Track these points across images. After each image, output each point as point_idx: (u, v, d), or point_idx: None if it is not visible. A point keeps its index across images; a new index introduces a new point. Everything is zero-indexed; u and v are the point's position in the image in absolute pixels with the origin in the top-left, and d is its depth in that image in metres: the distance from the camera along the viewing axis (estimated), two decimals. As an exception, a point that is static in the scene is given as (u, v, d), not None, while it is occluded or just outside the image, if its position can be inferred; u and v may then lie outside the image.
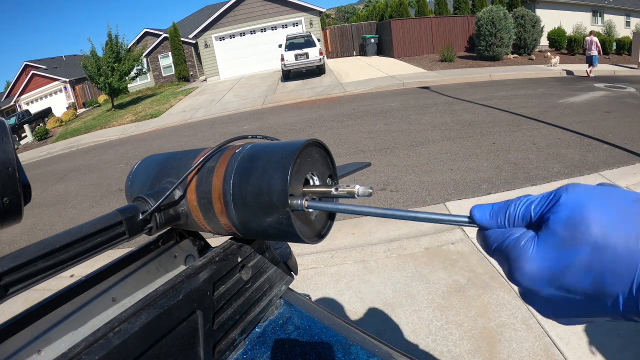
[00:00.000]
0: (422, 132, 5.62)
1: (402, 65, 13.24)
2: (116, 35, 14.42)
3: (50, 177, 7.03)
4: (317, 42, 12.91)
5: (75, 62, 24.46)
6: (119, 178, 5.80)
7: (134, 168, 0.56)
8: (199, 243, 0.59)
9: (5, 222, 0.36)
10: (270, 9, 17.18)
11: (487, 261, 2.39)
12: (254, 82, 14.38)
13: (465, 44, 15.38)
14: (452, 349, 1.78)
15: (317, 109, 8.37)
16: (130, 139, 9.34)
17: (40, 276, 0.35)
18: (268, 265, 0.56)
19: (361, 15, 26.23)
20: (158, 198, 0.44)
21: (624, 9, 19.39)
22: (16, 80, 27.00)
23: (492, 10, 12.68)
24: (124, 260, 0.50)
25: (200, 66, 20.87)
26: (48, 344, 0.41)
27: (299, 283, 2.41)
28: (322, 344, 0.50)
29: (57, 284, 0.56)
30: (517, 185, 3.58)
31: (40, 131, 13.82)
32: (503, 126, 5.50)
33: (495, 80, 9.99)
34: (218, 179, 0.44)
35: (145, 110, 12.75)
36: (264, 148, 0.43)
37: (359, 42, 18.83)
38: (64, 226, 4.27)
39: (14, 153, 0.35)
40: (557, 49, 15.05)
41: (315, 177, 0.44)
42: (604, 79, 9.46)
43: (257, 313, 0.53)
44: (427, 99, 7.95)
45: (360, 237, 2.90)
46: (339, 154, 5.01)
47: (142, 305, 0.39)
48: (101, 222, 0.40)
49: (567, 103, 6.75)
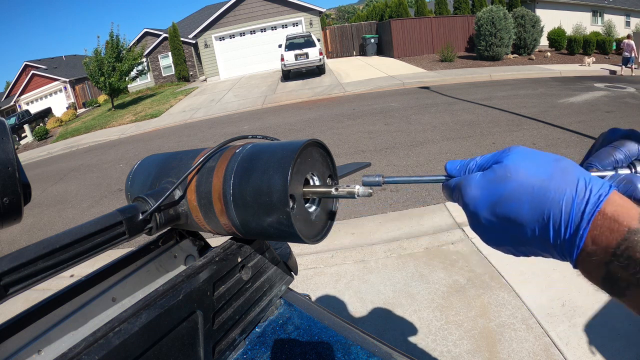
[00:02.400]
0: (422, 132, 5.62)
1: (402, 65, 13.24)
2: (117, 35, 14.43)
3: (50, 177, 7.02)
4: (317, 42, 12.91)
5: (75, 62, 24.49)
6: (119, 178, 5.80)
7: (134, 168, 0.56)
8: (199, 243, 0.59)
9: (5, 222, 0.36)
10: (270, 9, 17.18)
11: (487, 261, 2.39)
12: (253, 82, 14.38)
13: (465, 44, 15.38)
14: (452, 349, 1.78)
15: (317, 109, 8.37)
16: (130, 139, 9.34)
17: (40, 276, 0.35)
18: (268, 265, 0.56)
19: (361, 15, 26.21)
20: (158, 198, 0.44)
21: (624, 9, 19.38)
22: (16, 81, 26.99)
23: (492, 10, 12.68)
24: (124, 260, 0.50)
25: (200, 66, 20.86)
26: (48, 344, 0.41)
27: (299, 283, 2.41)
28: (322, 344, 0.50)
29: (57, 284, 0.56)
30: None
31: (40, 131, 13.81)
32: (503, 126, 5.51)
33: (495, 80, 9.99)
34: (218, 179, 0.44)
35: (145, 111, 12.74)
36: (264, 148, 0.43)
37: (359, 42, 18.83)
38: (64, 226, 4.27)
39: (14, 153, 0.35)
40: (556, 49, 15.04)
41: (315, 177, 0.44)
42: (604, 79, 9.46)
43: (257, 313, 0.53)
44: (427, 99, 7.95)
45: (360, 237, 2.90)
46: (339, 154, 5.01)
47: (142, 305, 0.39)
48: (101, 222, 0.40)
49: (567, 103, 6.75)
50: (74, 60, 26.66)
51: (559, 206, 0.28)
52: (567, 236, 0.28)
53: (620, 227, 0.25)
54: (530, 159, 0.31)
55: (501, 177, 0.31)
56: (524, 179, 0.30)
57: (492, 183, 0.32)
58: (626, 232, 0.25)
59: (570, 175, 0.29)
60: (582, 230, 0.27)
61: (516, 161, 0.31)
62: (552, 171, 0.29)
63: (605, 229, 0.26)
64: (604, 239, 0.26)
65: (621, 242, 0.25)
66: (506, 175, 0.31)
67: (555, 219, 0.28)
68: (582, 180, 0.28)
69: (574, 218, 0.27)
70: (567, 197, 0.28)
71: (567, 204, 0.28)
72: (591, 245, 0.27)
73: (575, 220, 0.27)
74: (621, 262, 0.25)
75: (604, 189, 0.27)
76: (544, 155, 0.31)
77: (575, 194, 0.28)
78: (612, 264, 0.26)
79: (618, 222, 0.26)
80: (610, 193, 0.27)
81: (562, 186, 0.28)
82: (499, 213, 0.31)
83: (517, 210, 0.30)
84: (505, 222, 0.31)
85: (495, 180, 0.31)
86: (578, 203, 0.27)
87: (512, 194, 0.30)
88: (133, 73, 15.32)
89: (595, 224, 0.26)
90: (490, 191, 0.31)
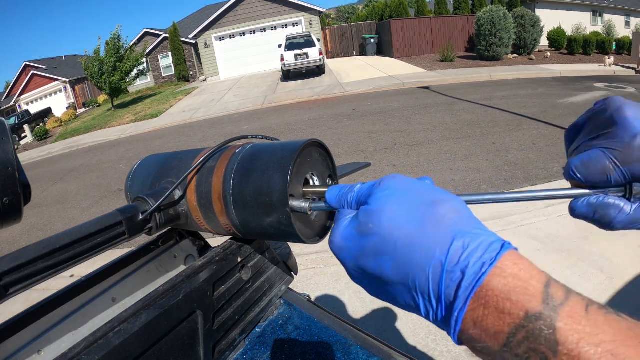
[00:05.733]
0: (422, 132, 5.62)
1: (402, 65, 13.24)
2: (118, 35, 14.43)
3: (50, 177, 7.02)
4: (317, 42, 12.91)
5: (75, 62, 24.48)
6: (119, 178, 5.80)
7: (134, 168, 0.56)
8: (199, 243, 0.59)
9: (5, 222, 0.36)
10: (270, 9, 17.18)
11: (487, 261, 2.39)
12: (254, 82, 14.38)
13: (465, 44, 15.37)
14: (452, 349, 1.78)
15: (317, 109, 8.37)
16: (130, 139, 9.34)
17: (40, 276, 0.35)
18: (268, 265, 0.56)
19: (361, 15, 26.22)
20: (158, 198, 0.44)
21: (624, 9, 19.38)
22: (16, 81, 26.99)
23: (492, 10, 12.68)
24: (124, 260, 0.50)
25: (200, 66, 20.86)
26: (48, 344, 0.41)
27: (299, 283, 2.41)
28: (322, 344, 0.50)
29: (57, 284, 0.56)
30: (516, 185, 3.58)
31: (40, 131, 13.81)
32: (503, 126, 5.50)
33: (495, 80, 9.98)
34: (218, 179, 0.44)
35: (145, 111, 12.74)
36: (264, 148, 0.43)
37: (359, 42, 18.82)
38: (64, 226, 4.27)
39: (14, 153, 0.35)
40: (556, 49, 15.04)
41: (315, 177, 0.44)
42: (604, 79, 9.46)
43: (257, 313, 0.53)
44: (427, 99, 7.95)
45: (360, 237, 2.90)
46: (339, 154, 5.01)
47: (142, 306, 0.39)
48: (101, 222, 0.40)
49: (567, 103, 6.75)
50: (74, 60, 26.64)
51: (425, 274, 0.21)
52: (439, 313, 0.21)
53: (514, 310, 0.18)
54: (400, 200, 0.24)
55: (363, 227, 0.25)
56: (386, 231, 0.23)
57: (353, 233, 0.26)
58: (523, 318, 0.18)
59: (444, 228, 0.21)
60: (458, 312, 0.20)
61: (382, 204, 0.24)
62: (421, 221, 0.22)
63: (491, 311, 0.19)
64: (489, 324, 0.19)
65: (515, 330, 0.18)
66: (368, 225, 0.24)
67: (422, 289, 0.21)
68: (460, 238, 0.21)
69: (444, 292, 0.20)
70: (435, 263, 0.21)
71: (434, 271, 0.21)
72: (473, 329, 0.20)
73: (447, 295, 0.20)
74: (519, 356, 0.18)
75: (491, 252, 0.20)
76: (421, 193, 0.24)
77: (446, 259, 0.20)
78: (504, 355, 0.19)
79: (510, 302, 0.18)
80: (498, 258, 0.19)
81: (431, 245, 0.21)
82: (364, 267, 0.25)
83: (379, 269, 0.24)
84: (372, 278, 0.25)
85: (358, 231, 0.25)
86: (449, 272, 0.20)
87: (374, 249, 0.24)
88: (134, 73, 15.33)
89: (478, 302, 0.19)
90: (352, 243, 0.26)
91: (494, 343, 0.19)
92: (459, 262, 0.20)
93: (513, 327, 0.18)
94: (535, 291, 0.19)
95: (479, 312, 0.19)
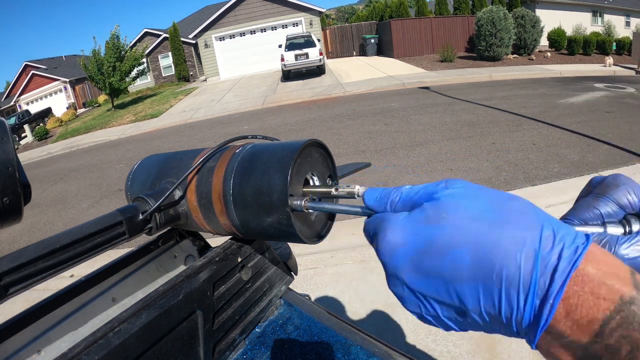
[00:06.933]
0: (422, 133, 5.62)
1: (402, 66, 13.24)
2: (118, 35, 14.44)
3: (50, 177, 7.02)
4: (317, 42, 12.91)
5: (75, 62, 24.43)
6: (119, 178, 5.80)
7: (134, 168, 0.56)
8: (199, 243, 0.59)
9: (5, 222, 0.36)
10: (271, 9, 17.18)
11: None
12: (254, 82, 14.38)
13: (465, 44, 15.38)
14: (452, 349, 1.78)
15: (317, 109, 8.37)
16: (130, 139, 9.34)
17: (40, 276, 0.35)
18: (268, 265, 0.56)
19: (361, 15, 26.23)
20: (158, 198, 0.44)
21: (624, 9, 19.39)
22: (16, 80, 27.00)
23: (492, 10, 12.68)
24: (124, 260, 0.50)
25: (200, 66, 20.87)
26: (48, 344, 0.41)
27: (299, 283, 2.41)
28: (322, 344, 0.50)
29: (57, 284, 0.56)
30: (517, 185, 3.58)
31: (40, 131, 13.81)
32: (503, 126, 5.50)
33: (495, 80, 9.99)
34: (218, 179, 0.44)
35: (145, 111, 12.74)
36: (264, 148, 0.43)
37: (359, 42, 18.83)
38: (64, 226, 4.27)
39: (14, 153, 0.35)
40: (556, 49, 15.05)
41: (315, 177, 0.44)
42: (603, 79, 9.46)
43: (257, 313, 0.53)
44: (427, 99, 7.95)
45: (360, 237, 2.90)
46: (339, 154, 5.01)
47: (142, 305, 0.39)
48: (101, 222, 0.40)
49: (567, 103, 6.75)
50: (74, 60, 26.60)
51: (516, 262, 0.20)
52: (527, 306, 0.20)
53: (609, 295, 0.18)
54: (474, 196, 0.23)
55: (433, 217, 0.23)
56: (464, 221, 0.22)
57: (419, 226, 0.23)
58: (618, 302, 0.18)
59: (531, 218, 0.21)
60: (553, 298, 0.19)
61: (455, 198, 0.23)
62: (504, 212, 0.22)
63: (586, 297, 0.18)
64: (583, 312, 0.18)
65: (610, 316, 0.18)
66: (440, 215, 0.23)
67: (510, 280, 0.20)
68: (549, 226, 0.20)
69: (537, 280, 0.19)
70: (528, 250, 0.20)
71: (527, 258, 0.20)
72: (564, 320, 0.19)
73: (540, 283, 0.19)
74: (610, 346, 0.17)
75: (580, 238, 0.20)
76: (493, 192, 0.23)
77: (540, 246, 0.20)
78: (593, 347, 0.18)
79: (606, 287, 0.18)
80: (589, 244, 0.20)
81: (520, 234, 0.20)
82: (428, 267, 0.23)
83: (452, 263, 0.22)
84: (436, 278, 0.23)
85: (425, 222, 0.23)
86: (544, 257, 0.20)
87: (447, 241, 0.22)
88: (133, 73, 15.32)
89: (573, 288, 0.19)
90: (417, 237, 0.23)
91: (584, 335, 0.18)
92: (553, 248, 0.20)
93: (608, 313, 0.18)
94: (625, 276, 0.18)
95: (574, 299, 0.18)
